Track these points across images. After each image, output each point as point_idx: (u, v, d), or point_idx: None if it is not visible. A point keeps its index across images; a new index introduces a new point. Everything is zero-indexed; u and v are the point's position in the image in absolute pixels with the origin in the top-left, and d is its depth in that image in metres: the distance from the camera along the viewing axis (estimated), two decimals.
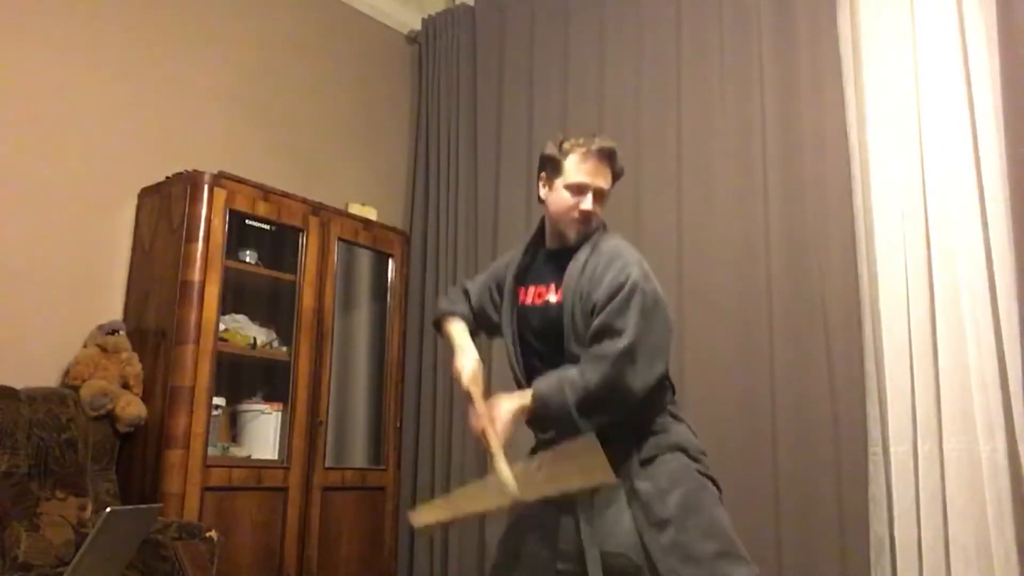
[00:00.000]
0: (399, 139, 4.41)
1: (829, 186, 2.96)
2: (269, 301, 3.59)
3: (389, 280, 3.92)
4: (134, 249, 3.30)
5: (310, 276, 3.50)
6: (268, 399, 3.42)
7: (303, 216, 3.53)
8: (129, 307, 3.23)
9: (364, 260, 3.88)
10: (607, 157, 2.08)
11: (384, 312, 3.89)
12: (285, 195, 3.48)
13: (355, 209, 3.87)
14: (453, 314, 2.25)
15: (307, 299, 3.47)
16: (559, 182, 2.09)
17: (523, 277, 2.16)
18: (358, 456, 3.71)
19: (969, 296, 2.63)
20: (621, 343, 1.89)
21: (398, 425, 3.85)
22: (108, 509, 1.79)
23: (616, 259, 2.01)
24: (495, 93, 4.07)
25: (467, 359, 2.10)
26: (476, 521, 3.66)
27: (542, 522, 2.01)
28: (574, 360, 1.97)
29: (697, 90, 3.38)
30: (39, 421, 2.70)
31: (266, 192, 3.41)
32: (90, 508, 2.72)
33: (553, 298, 2.07)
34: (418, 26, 4.51)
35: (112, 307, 3.21)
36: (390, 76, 4.45)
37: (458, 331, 2.20)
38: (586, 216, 2.07)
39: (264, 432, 3.34)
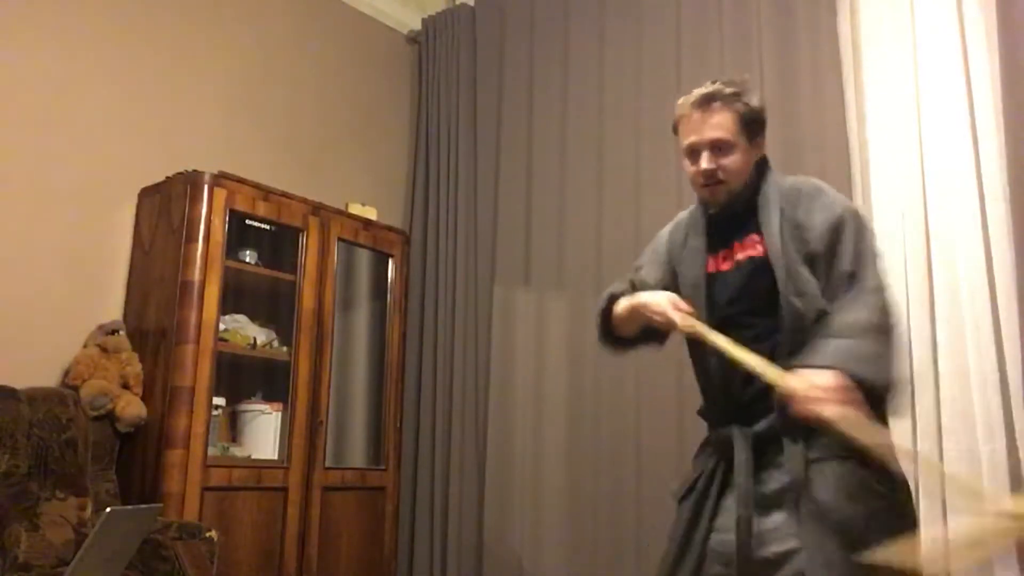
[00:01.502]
0: (399, 139, 4.41)
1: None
2: (269, 301, 3.59)
3: (389, 280, 3.92)
4: (134, 249, 3.30)
5: (310, 276, 3.50)
6: (268, 399, 3.42)
7: (303, 216, 3.53)
8: (129, 307, 3.23)
9: (364, 260, 3.88)
10: (707, 103, 1.83)
11: (384, 312, 3.89)
12: (285, 195, 3.48)
13: (355, 209, 3.87)
14: (622, 294, 1.98)
15: (307, 299, 3.47)
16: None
17: (709, 247, 1.92)
18: (358, 456, 3.71)
19: (969, 296, 2.62)
20: (873, 278, 1.71)
21: (398, 425, 3.85)
22: (108, 509, 1.79)
23: (817, 195, 1.81)
24: (495, 93, 4.07)
25: (659, 295, 1.85)
26: (475, 521, 3.66)
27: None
28: (789, 313, 1.73)
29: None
30: (39, 421, 2.69)
31: (266, 192, 3.41)
32: (90, 508, 2.72)
33: (741, 256, 1.84)
34: (418, 26, 4.50)
35: (112, 307, 3.21)
36: (390, 76, 4.45)
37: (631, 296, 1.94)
38: (708, 176, 1.83)
39: (264, 432, 3.34)
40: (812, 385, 1.59)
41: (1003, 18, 2.65)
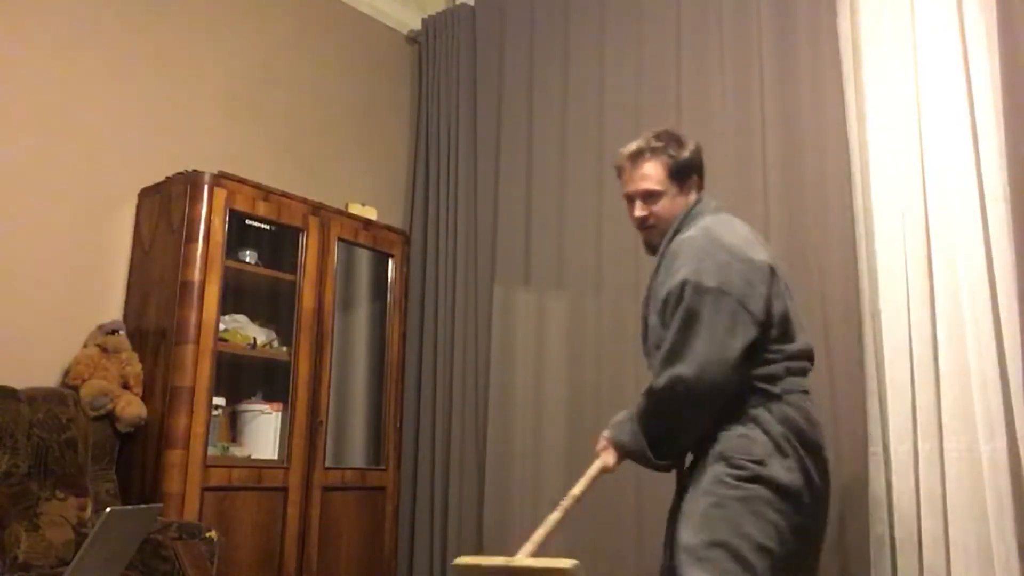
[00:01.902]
0: (399, 139, 4.41)
1: (829, 186, 2.95)
2: (269, 301, 3.59)
3: (389, 280, 3.92)
4: (134, 249, 3.29)
5: (310, 276, 3.50)
6: (268, 399, 3.42)
7: (303, 216, 3.53)
8: (129, 307, 3.23)
9: (364, 260, 3.88)
10: (638, 156, 2.08)
11: (384, 312, 3.89)
12: (285, 195, 3.48)
13: (355, 209, 3.87)
14: None
15: (307, 299, 3.46)
16: None
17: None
18: (358, 456, 3.71)
19: (969, 296, 2.62)
20: (656, 369, 1.93)
21: (398, 425, 3.85)
22: (108, 509, 1.79)
23: (675, 259, 1.98)
24: (495, 93, 4.06)
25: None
26: (475, 521, 3.66)
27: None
28: (646, 363, 2.09)
29: (697, 90, 3.38)
30: (39, 421, 2.69)
31: (266, 192, 3.41)
32: (90, 508, 2.72)
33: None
34: (418, 26, 4.50)
35: (112, 307, 3.21)
36: (390, 76, 4.45)
37: None
38: (640, 223, 2.10)
39: (264, 432, 3.34)
40: (602, 435, 2.09)
41: (1003, 18, 2.65)
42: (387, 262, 3.92)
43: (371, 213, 3.93)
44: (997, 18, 2.66)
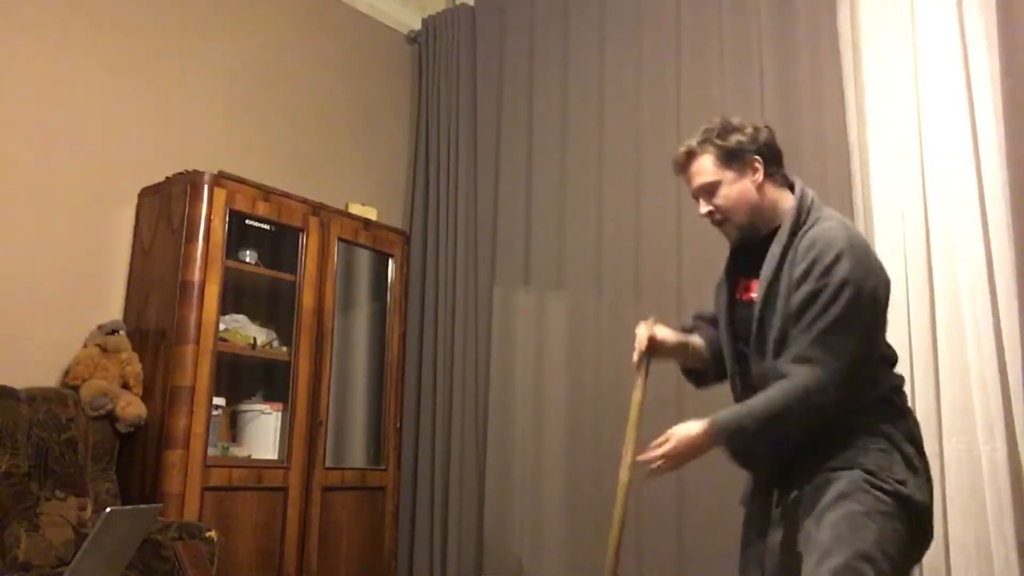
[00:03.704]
0: (399, 139, 4.41)
1: (829, 186, 2.95)
2: (269, 301, 3.59)
3: (389, 280, 3.92)
4: (134, 249, 3.30)
5: (310, 276, 3.50)
6: (268, 399, 3.42)
7: (303, 216, 3.53)
8: (129, 307, 3.23)
9: (364, 260, 3.88)
10: (688, 158, 2.00)
11: (384, 312, 3.89)
12: (285, 195, 3.48)
13: (355, 209, 3.87)
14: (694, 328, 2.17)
15: (307, 299, 3.47)
16: None
17: (736, 267, 2.02)
18: (358, 456, 3.71)
19: (969, 296, 2.63)
20: (815, 372, 1.74)
21: (398, 425, 3.85)
22: (108, 509, 1.79)
23: (821, 258, 1.79)
24: (495, 93, 4.07)
25: (642, 326, 2.07)
26: (475, 521, 3.66)
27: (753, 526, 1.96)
28: (755, 371, 1.88)
29: (697, 90, 3.38)
30: (39, 421, 2.70)
31: (266, 192, 3.41)
32: (90, 508, 2.72)
33: (749, 295, 1.94)
34: (418, 26, 4.51)
35: (112, 307, 3.21)
36: (390, 76, 4.45)
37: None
38: (709, 217, 1.99)
39: (264, 432, 3.34)
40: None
41: (1003, 18, 2.65)
42: (387, 262, 3.92)
43: (371, 213, 3.93)
44: (997, 18, 2.67)
